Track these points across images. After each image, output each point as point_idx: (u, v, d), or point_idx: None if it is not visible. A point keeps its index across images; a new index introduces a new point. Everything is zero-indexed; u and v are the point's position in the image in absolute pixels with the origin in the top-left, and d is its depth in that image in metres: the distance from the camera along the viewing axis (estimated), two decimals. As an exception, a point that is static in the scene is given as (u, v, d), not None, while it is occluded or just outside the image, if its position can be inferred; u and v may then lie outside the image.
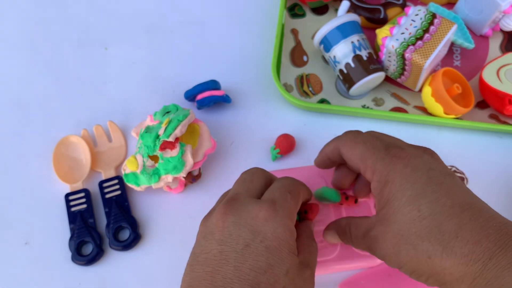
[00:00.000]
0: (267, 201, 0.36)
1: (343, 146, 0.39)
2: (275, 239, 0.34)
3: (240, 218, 0.35)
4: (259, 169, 0.41)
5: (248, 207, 0.35)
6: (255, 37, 0.59)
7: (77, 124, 0.54)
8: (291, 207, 0.37)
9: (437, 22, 0.50)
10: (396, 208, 0.34)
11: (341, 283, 0.45)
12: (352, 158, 0.38)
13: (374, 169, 0.36)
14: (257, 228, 0.34)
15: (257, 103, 0.55)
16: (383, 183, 0.35)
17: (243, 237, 0.34)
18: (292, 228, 0.36)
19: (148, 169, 0.47)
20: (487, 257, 0.30)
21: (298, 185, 0.39)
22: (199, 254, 0.35)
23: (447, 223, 0.32)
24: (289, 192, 0.37)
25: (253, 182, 0.39)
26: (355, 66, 0.51)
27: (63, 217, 0.50)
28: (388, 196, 0.34)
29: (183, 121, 0.47)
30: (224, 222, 0.35)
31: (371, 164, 0.36)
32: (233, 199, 0.36)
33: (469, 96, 0.52)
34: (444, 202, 0.33)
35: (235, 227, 0.34)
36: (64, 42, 0.60)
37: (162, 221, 0.50)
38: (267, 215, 0.34)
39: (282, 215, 0.35)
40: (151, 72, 0.58)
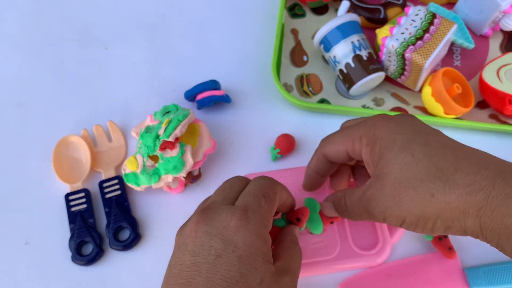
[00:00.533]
0: (239, 208, 0.35)
1: (323, 148, 0.40)
2: (247, 248, 0.33)
3: (212, 227, 0.34)
4: (241, 177, 0.40)
5: (221, 216, 0.35)
6: (255, 37, 0.59)
7: (77, 124, 0.54)
8: (265, 213, 0.36)
9: (437, 22, 0.50)
10: (390, 159, 0.34)
11: (341, 283, 0.45)
12: (336, 148, 0.38)
13: (360, 136, 0.36)
14: (229, 238, 0.34)
15: (257, 103, 0.55)
16: (372, 142, 0.35)
17: (214, 247, 0.33)
18: (266, 235, 0.35)
19: (148, 169, 0.47)
20: (490, 185, 0.30)
21: (274, 187, 0.38)
22: (174, 266, 0.35)
23: (443, 161, 0.32)
24: (263, 196, 0.36)
25: (232, 189, 0.38)
26: (355, 66, 0.51)
27: (63, 217, 0.50)
28: (380, 152, 0.35)
29: (183, 121, 0.47)
30: (197, 232, 0.34)
31: (356, 135, 0.37)
32: (207, 207, 0.36)
33: (469, 96, 0.52)
34: (435, 145, 0.33)
35: (207, 237, 0.34)
36: (64, 42, 0.60)
37: (162, 221, 0.50)
38: (238, 223, 0.34)
39: (254, 222, 0.34)
40: (151, 72, 0.58)
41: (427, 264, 0.45)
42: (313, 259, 0.45)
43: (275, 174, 0.50)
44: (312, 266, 0.45)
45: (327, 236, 0.46)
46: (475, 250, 0.46)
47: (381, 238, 0.46)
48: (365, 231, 0.46)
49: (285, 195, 0.40)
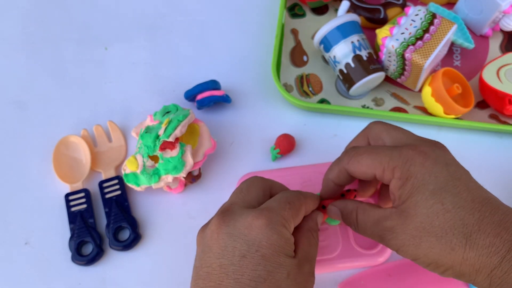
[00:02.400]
0: (262, 210, 0.36)
1: (348, 164, 0.39)
2: (270, 246, 0.34)
3: (234, 228, 0.35)
4: (258, 178, 0.41)
5: (242, 217, 0.35)
6: (255, 37, 0.59)
7: (77, 124, 0.54)
8: (287, 216, 0.36)
9: (437, 22, 0.50)
10: (419, 201, 0.34)
11: (341, 283, 0.45)
12: (363, 170, 0.37)
13: (393, 167, 0.35)
14: (251, 238, 0.34)
15: (257, 103, 0.55)
16: (405, 178, 0.35)
17: (238, 248, 0.34)
18: (288, 235, 0.36)
19: (148, 169, 0.47)
20: (506, 249, 0.32)
21: (301, 198, 0.39)
22: (200, 268, 0.35)
23: (469, 216, 0.33)
24: (288, 202, 0.37)
25: (250, 191, 0.39)
26: (355, 66, 0.51)
27: (63, 217, 0.50)
28: (411, 190, 0.34)
29: (183, 121, 0.47)
30: (219, 234, 0.35)
31: (388, 164, 0.36)
32: (227, 209, 0.37)
33: (469, 96, 0.52)
34: (465, 196, 0.34)
35: (230, 239, 0.35)
36: (64, 42, 0.60)
37: (162, 221, 0.50)
38: (260, 223, 0.35)
39: (276, 222, 0.35)
40: (151, 72, 0.58)
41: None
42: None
43: (275, 173, 0.50)
44: (312, 266, 0.45)
45: (329, 235, 0.46)
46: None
47: (381, 238, 0.46)
48: (365, 231, 0.46)
49: (311, 205, 0.40)
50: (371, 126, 0.40)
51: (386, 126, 0.39)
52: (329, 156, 0.51)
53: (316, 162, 0.51)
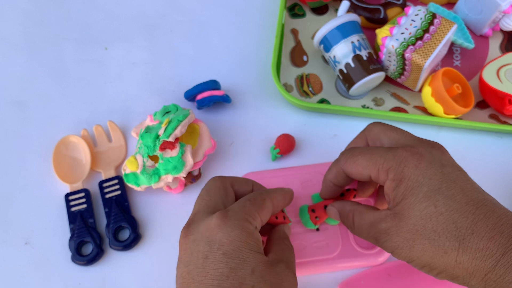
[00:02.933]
0: (221, 211, 0.36)
1: (345, 165, 0.39)
2: (231, 242, 0.34)
3: (197, 234, 0.35)
4: (216, 179, 0.40)
5: (204, 222, 0.36)
6: (255, 37, 0.59)
7: (77, 124, 0.54)
8: (249, 211, 0.36)
9: (437, 22, 0.50)
10: (412, 203, 0.34)
11: (341, 283, 0.45)
12: (359, 170, 0.38)
13: (387, 168, 0.35)
14: (212, 238, 0.34)
15: (257, 103, 0.55)
16: (398, 180, 0.35)
17: (201, 251, 0.34)
18: (251, 229, 0.35)
19: (148, 169, 0.47)
20: (500, 253, 0.31)
21: (262, 194, 0.39)
22: (177, 281, 0.36)
23: (463, 219, 0.33)
24: (248, 199, 0.38)
25: (210, 195, 0.39)
26: (355, 66, 0.51)
27: (63, 217, 0.50)
28: (405, 192, 0.34)
29: (183, 121, 0.47)
30: (186, 244, 0.36)
31: (383, 165, 0.36)
32: (191, 220, 0.37)
33: (469, 96, 0.52)
34: (459, 199, 0.33)
35: (194, 244, 0.35)
36: (64, 42, 0.60)
37: (162, 221, 0.50)
38: (219, 222, 0.35)
39: (235, 218, 0.35)
40: (151, 72, 0.58)
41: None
42: (314, 257, 0.45)
43: (275, 173, 0.50)
44: (313, 265, 0.45)
45: (329, 234, 0.46)
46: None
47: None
48: (365, 231, 0.46)
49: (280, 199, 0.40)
50: (369, 128, 0.41)
51: (384, 127, 0.39)
52: (329, 156, 0.51)
53: (316, 162, 0.51)
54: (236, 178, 0.41)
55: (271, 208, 0.39)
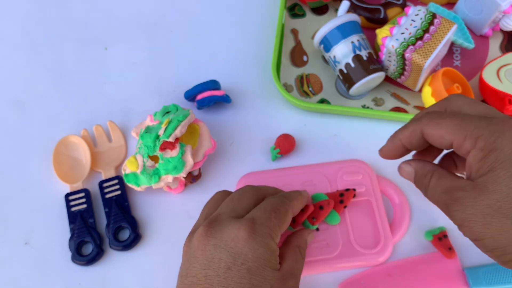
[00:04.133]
0: (247, 221, 0.36)
1: (427, 124, 0.35)
2: (256, 259, 0.34)
3: (220, 240, 0.35)
4: (251, 187, 0.40)
5: (228, 228, 0.35)
6: (255, 37, 0.59)
7: (77, 124, 0.54)
8: (274, 226, 0.36)
9: (437, 22, 0.50)
10: (501, 177, 0.30)
11: (341, 283, 0.45)
12: (442, 134, 0.34)
13: (477, 136, 0.32)
14: (237, 250, 0.34)
15: (257, 103, 0.55)
16: (488, 150, 0.31)
17: (224, 260, 0.34)
18: (274, 247, 0.36)
19: (148, 169, 0.47)
20: None
21: (285, 203, 0.39)
22: (185, 277, 0.35)
23: None
24: (273, 210, 0.37)
25: (241, 200, 0.38)
26: (355, 66, 0.51)
27: (63, 217, 0.50)
28: (493, 164, 0.31)
29: (183, 121, 0.47)
30: (205, 245, 0.35)
31: (472, 132, 0.32)
32: (214, 220, 0.37)
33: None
34: None
35: (216, 250, 0.35)
36: (64, 42, 0.60)
37: (162, 221, 0.50)
38: (246, 235, 0.35)
39: (262, 234, 0.35)
40: (151, 72, 0.58)
41: (427, 264, 0.45)
42: (315, 257, 0.45)
43: (275, 173, 0.50)
44: (313, 265, 0.45)
45: (329, 234, 0.46)
46: (475, 250, 0.45)
47: (382, 237, 0.46)
48: (367, 229, 0.46)
49: (298, 207, 0.41)
50: (451, 98, 0.36)
51: (468, 99, 0.36)
52: (329, 156, 0.51)
53: (316, 162, 0.51)
54: (268, 190, 0.41)
55: (291, 219, 0.39)
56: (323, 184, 0.48)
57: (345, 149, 0.52)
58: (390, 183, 0.49)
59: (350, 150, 0.52)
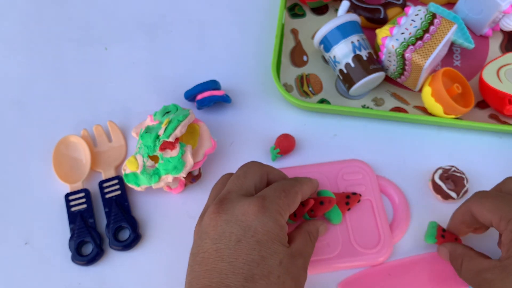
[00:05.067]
0: (257, 197, 0.37)
1: (473, 204, 0.39)
2: (265, 233, 0.35)
3: (232, 215, 0.36)
4: (256, 164, 0.41)
5: (239, 204, 0.36)
6: (255, 37, 0.59)
7: (77, 124, 0.54)
8: (283, 204, 0.38)
9: (437, 22, 0.50)
10: None
11: (341, 283, 0.45)
12: (483, 213, 0.38)
13: (510, 219, 0.36)
14: (248, 224, 0.35)
15: (257, 103, 0.55)
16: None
17: (235, 233, 0.35)
18: (283, 223, 0.37)
19: (148, 169, 0.47)
20: None
21: (296, 185, 0.40)
22: (197, 254, 0.36)
23: None
24: (283, 190, 0.38)
25: (247, 178, 0.39)
26: (355, 66, 0.51)
27: (63, 217, 0.50)
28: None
29: (183, 121, 0.47)
30: (217, 221, 0.36)
31: (506, 214, 0.36)
32: (224, 198, 0.38)
33: (469, 96, 0.52)
34: None
35: (227, 225, 0.36)
36: (64, 42, 0.60)
37: (162, 221, 0.49)
38: (256, 210, 0.36)
39: (272, 209, 0.36)
40: (151, 72, 0.58)
41: (427, 264, 0.45)
42: (314, 257, 0.45)
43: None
44: (313, 264, 0.45)
45: (329, 234, 0.46)
46: (475, 250, 0.46)
47: (382, 236, 0.46)
48: (367, 229, 0.46)
49: (308, 190, 0.42)
50: (506, 181, 0.41)
51: None
52: (329, 156, 0.51)
53: (316, 162, 0.51)
54: (272, 169, 0.42)
55: (300, 201, 0.40)
56: (323, 184, 0.48)
57: (345, 149, 0.52)
58: (390, 183, 0.49)
59: (350, 150, 0.52)
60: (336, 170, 0.49)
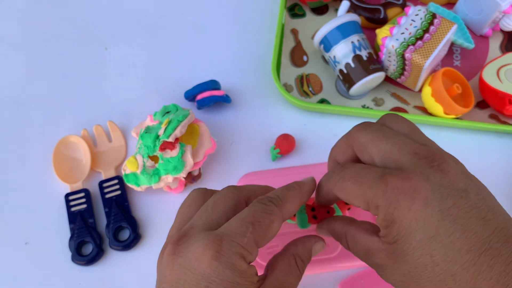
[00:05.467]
0: (214, 237, 0.31)
1: (334, 188, 0.33)
2: (221, 283, 0.30)
3: (185, 260, 0.31)
4: (230, 190, 0.35)
5: (194, 246, 0.31)
6: (255, 37, 0.59)
7: (77, 124, 0.54)
8: (248, 244, 0.31)
9: (437, 22, 0.50)
10: (406, 250, 0.30)
11: (341, 282, 0.45)
12: (349, 198, 0.32)
13: (376, 205, 0.30)
14: (201, 272, 0.30)
15: (257, 103, 0.55)
16: (389, 221, 0.30)
17: (188, 282, 0.31)
18: (244, 267, 0.31)
19: (148, 169, 0.47)
20: None
21: (272, 212, 0.33)
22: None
23: (463, 272, 0.28)
24: (251, 223, 0.32)
25: (215, 209, 0.33)
26: (355, 66, 0.51)
27: (63, 217, 0.50)
28: (397, 236, 0.30)
29: (183, 121, 0.47)
30: (173, 264, 0.32)
31: (372, 200, 0.31)
32: (184, 235, 0.33)
33: (469, 96, 0.52)
34: (459, 246, 0.29)
35: (181, 271, 0.31)
36: (64, 42, 0.60)
37: (162, 221, 0.49)
38: (210, 256, 0.30)
39: (229, 254, 0.31)
40: (151, 72, 0.58)
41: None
42: (314, 257, 0.45)
43: (275, 173, 0.50)
44: (313, 265, 0.45)
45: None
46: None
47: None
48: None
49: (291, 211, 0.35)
50: (354, 135, 0.34)
51: (372, 135, 0.33)
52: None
53: (316, 162, 0.51)
54: (254, 190, 0.36)
55: (278, 230, 0.34)
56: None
57: (345, 149, 0.52)
58: (390, 183, 0.49)
59: (350, 150, 0.52)
60: (336, 170, 0.49)
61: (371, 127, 0.33)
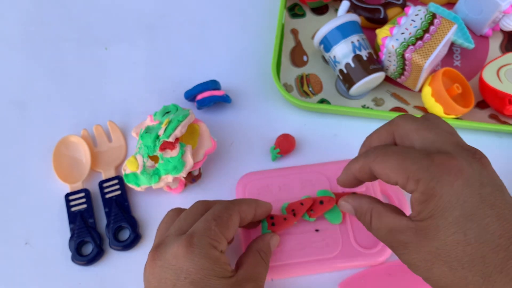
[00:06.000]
0: (186, 236, 0.36)
1: (374, 162, 0.34)
2: (198, 271, 0.35)
3: (165, 261, 0.36)
4: (199, 202, 0.41)
5: (169, 248, 0.36)
6: (255, 37, 0.59)
7: (77, 124, 0.54)
8: (215, 235, 0.36)
9: (437, 22, 0.50)
10: (440, 226, 0.31)
11: (341, 283, 0.45)
12: (387, 173, 0.33)
13: (418, 179, 0.31)
14: (179, 266, 0.35)
15: (257, 103, 0.55)
16: (428, 195, 0.31)
17: (169, 278, 0.35)
18: (216, 254, 0.36)
19: (148, 169, 0.47)
20: None
21: (229, 208, 0.39)
22: None
23: (493, 255, 0.29)
24: (214, 219, 0.37)
25: (187, 219, 0.39)
26: (355, 66, 0.51)
27: (63, 217, 0.50)
28: (433, 211, 0.31)
29: (183, 121, 0.47)
30: (154, 268, 0.36)
31: (414, 174, 0.31)
32: (160, 243, 0.37)
33: (469, 96, 0.52)
34: (493, 229, 0.30)
35: (162, 271, 0.36)
36: (64, 42, 0.60)
37: (162, 221, 0.50)
38: (184, 250, 0.35)
39: (201, 245, 0.35)
40: (151, 72, 0.58)
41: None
42: (314, 257, 0.45)
43: (275, 173, 0.50)
44: (313, 265, 0.45)
45: (329, 234, 0.46)
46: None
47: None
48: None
49: (250, 210, 0.40)
50: (398, 122, 0.35)
51: (416, 124, 0.34)
52: (329, 156, 0.51)
53: (316, 162, 0.51)
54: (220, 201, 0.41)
55: (238, 223, 0.39)
56: (323, 184, 0.48)
57: (345, 149, 0.52)
58: (390, 183, 0.49)
59: (350, 150, 0.52)
60: (336, 170, 0.49)
61: (416, 118, 0.35)
